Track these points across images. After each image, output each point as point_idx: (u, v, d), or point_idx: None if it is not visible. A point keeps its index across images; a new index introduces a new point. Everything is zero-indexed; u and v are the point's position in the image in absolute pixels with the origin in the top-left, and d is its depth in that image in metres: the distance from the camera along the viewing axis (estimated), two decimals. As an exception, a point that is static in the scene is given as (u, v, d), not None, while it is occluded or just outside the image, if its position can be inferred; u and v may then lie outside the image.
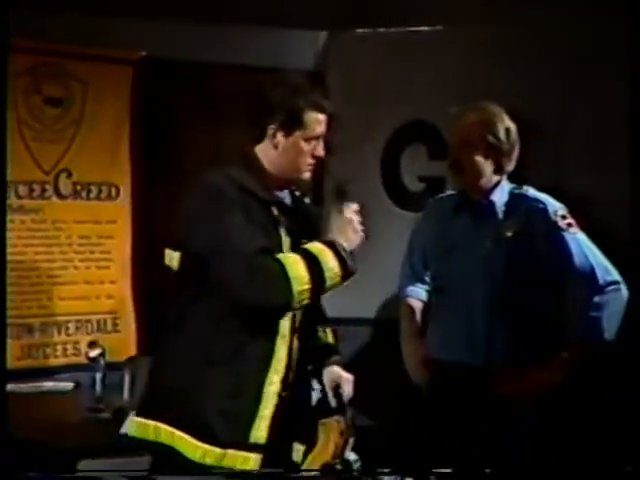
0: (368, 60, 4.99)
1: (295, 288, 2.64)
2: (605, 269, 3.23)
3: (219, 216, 2.70)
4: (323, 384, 2.98)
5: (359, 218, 2.79)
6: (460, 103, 3.39)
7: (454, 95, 4.30)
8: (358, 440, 2.90)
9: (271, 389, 2.76)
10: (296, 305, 2.69)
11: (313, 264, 2.67)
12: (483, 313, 3.25)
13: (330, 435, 2.89)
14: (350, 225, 2.76)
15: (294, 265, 2.66)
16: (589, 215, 3.58)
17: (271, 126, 2.83)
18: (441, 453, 3.18)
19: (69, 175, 4.67)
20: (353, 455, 2.89)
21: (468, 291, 3.27)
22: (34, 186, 4.58)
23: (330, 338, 3.07)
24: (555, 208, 3.27)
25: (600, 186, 4.50)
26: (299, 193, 3.01)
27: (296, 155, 2.85)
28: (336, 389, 2.95)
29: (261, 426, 2.74)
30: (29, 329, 4.54)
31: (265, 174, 2.85)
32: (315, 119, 2.84)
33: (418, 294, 3.56)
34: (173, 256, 2.82)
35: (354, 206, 2.80)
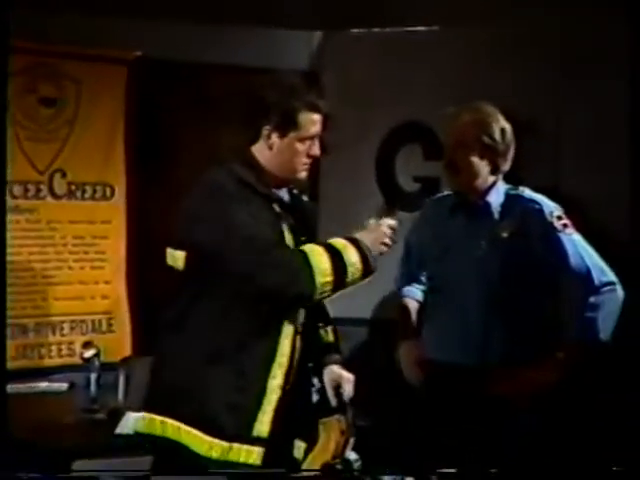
0: (363, 60, 4.99)
1: (318, 279, 2.69)
2: (601, 270, 3.23)
3: (225, 211, 2.72)
4: (323, 382, 2.99)
5: (392, 235, 2.85)
6: (456, 103, 3.39)
7: (450, 95, 4.28)
8: (358, 440, 2.91)
9: (274, 383, 2.78)
10: (317, 297, 2.74)
11: (336, 258, 2.72)
12: (479, 313, 3.25)
13: (331, 434, 2.90)
14: (382, 236, 2.82)
15: (319, 257, 2.70)
16: (587, 216, 3.58)
17: (266, 127, 2.85)
18: (439, 453, 3.18)
19: (63, 175, 4.66)
20: (353, 454, 2.91)
21: (464, 291, 3.27)
22: (29, 186, 4.57)
23: (331, 337, 3.09)
24: (551, 209, 3.27)
25: (599, 186, 4.50)
26: (297, 191, 3.03)
27: (291, 155, 2.86)
28: (337, 389, 2.98)
29: (264, 420, 2.76)
30: (23, 329, 4.53)
31: (264, 173, 2.87)
32: (310, 119, 2.85)
33: (414, 294, 3.57)
34: (176, 255, 2.83)
35: (392, 222, 2.86)
